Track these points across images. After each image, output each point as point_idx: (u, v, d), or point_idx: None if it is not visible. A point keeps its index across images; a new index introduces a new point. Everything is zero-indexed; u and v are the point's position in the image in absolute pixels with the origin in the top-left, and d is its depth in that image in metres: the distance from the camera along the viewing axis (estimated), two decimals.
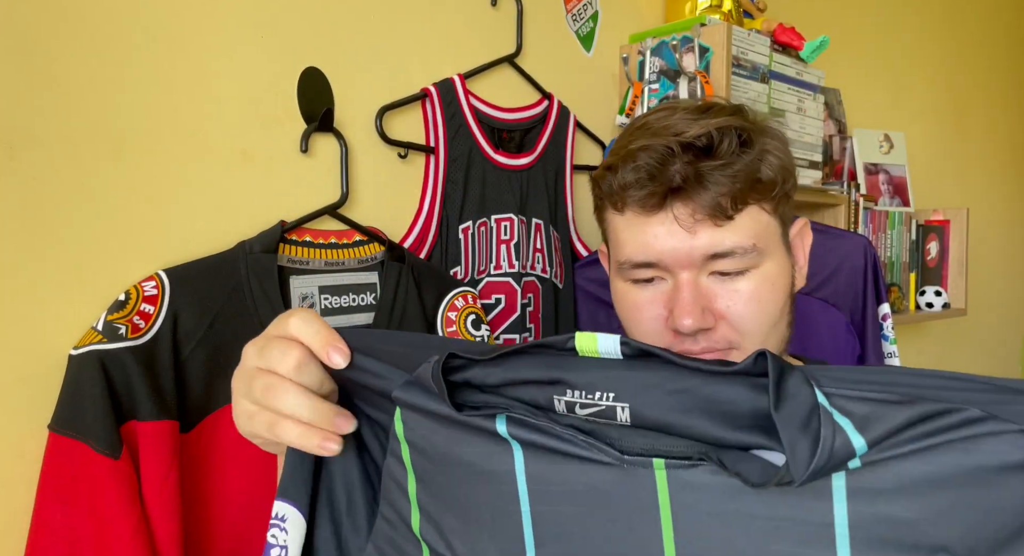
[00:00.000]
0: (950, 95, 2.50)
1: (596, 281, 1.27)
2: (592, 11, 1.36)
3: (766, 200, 0.64)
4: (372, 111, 1.03)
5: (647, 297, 0.66)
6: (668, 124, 0.64)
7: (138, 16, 0.83)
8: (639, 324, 0.67)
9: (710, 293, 0.63)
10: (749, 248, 0.62)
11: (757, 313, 0.63)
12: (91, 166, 0.80)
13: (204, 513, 0.82)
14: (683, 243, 0.62)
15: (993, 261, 2.67)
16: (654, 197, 0.62)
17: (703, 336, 0.63)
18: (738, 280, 0.63)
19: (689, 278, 0.63)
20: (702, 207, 0.61)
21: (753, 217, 0.63)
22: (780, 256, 0.66)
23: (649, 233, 0.64)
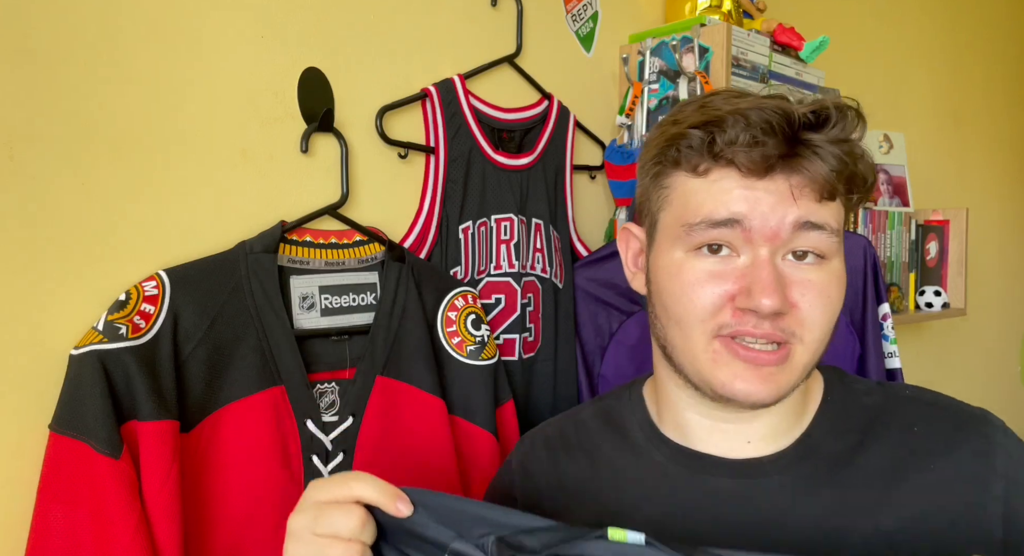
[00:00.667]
0: (950, 95, 2.50)
1: (596, 281, 1.27)
2: (592, 11, 1.36)
3: (857, 194, 0.61)
4: (372, 111, 1.03)
5: (712, 270, 0.60)
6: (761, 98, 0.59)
7: (138, 16, 0.83)
8: (699, 298, 0.60)
9: (786, 278, 0.59)
10: (836, 231, 0.59)
11: (825, 308, 0.60)
12: (91, 166, 0.80)
13: (204, 513, 0.82)
14: (777, 210, 0.57)
15: (993, 261, 2.67)
16: (764, 160, 0.57)
17: (771, 322, 0.58)
18: (811, 270, 0.59)
19: (769, 256, 0.58)
20: (814, 179, 0.57)
21: (840, 207, 0.61)
22: (840, 258, 0.62)
23: (739, 194, 0.58)
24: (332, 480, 0.53)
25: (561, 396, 1.23)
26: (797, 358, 0.60)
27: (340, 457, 0.91)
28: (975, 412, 0.65)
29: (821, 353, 0.61)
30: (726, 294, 0.59)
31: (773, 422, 0.65)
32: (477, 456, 1.02)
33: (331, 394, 0.93)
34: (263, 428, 0.86)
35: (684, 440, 0.68)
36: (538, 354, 1.20)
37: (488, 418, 1.03)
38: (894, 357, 1.31)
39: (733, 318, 0.59)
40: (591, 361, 1.27)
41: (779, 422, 0.65)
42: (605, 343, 1.27)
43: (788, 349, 0.59)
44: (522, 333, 1.16)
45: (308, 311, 0.94)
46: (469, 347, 1.04)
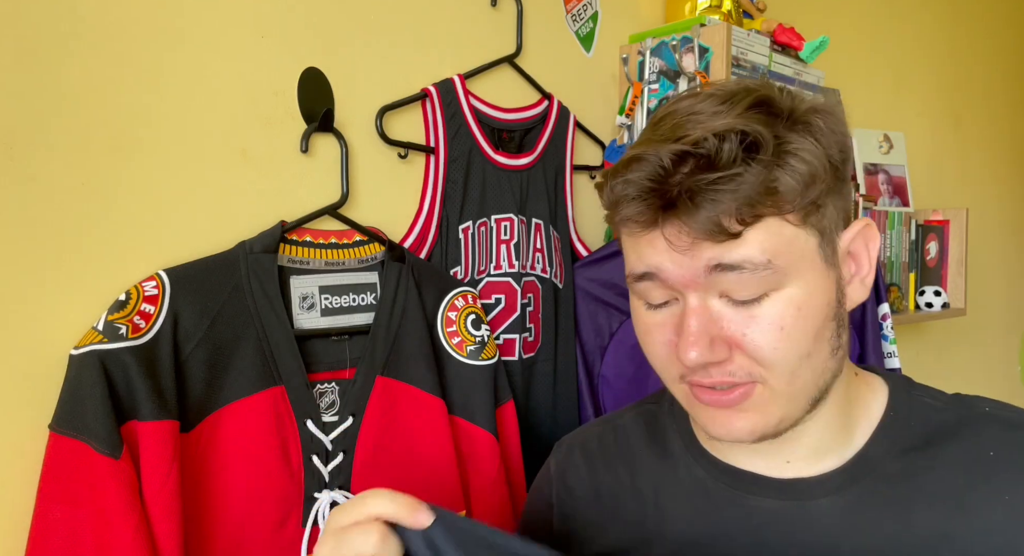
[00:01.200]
0: (950, 95, 2.50)
1: (596, 281, 1.27)
2: (592, 11, 1.36)
3: (788, 212, 0.53)
4: (372, 111, 1.03)
5: (658, 320, 0.58)
6: (679, 122, 0.55)
7: (138, 16, 0.83)
8: (650, 349, 0.60)
9: (722, 318, 0.54)
10: (762, 264, 0.52)
11: (780, 342, 0.53)
12: (91, 166, 0.80)
13: (204, 513, 0.82)
14: (682, 263, 0.54)
15: (993, 261, 2.67)
16: (644, 215, 0.54)
17: (715, 368, 0.55)
18: (755, 305, 0.53)
19: (697, 302, 0.54)
20: (696, 227, 0.52)
21: (771, 231, 0.52)
22: (813, 274, 0.55)
23: (647, 248, 0.56)
24: (349, 503, 0.53)
25: (561, 396, 1.23)
26: (765, 395, 0.55)
27: (340, 457, 0.91)
28: None
29: (808, 381, 0.56)
30: (671, 344, 0.57)
31: (812, 442, 0.60)
32: (477, 456, 1.02)
33: (331, 394, 0.93)
34: (263, 428, 0.86)
35: (724, 455, 0.64)
36: (538, 354, 1.20)
37: (488, 418, 1.03)
38: (893, 357, 1.31)
39: (685, 370, 0.57)
40: (591, 361, 1.27)
41: (820, 441, 0.60)
42: (605, 343, 1.27)
43: (747, 388, 0.55)
44: (522, 333, 1.16)
45: (308, 311, 0.94)
46: (469, 347, 1.04)
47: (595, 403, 1.27)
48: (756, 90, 0.56)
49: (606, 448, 0.72)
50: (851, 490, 0.58)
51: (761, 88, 0.56)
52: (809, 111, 0.55)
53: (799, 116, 0.54)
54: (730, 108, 0.54)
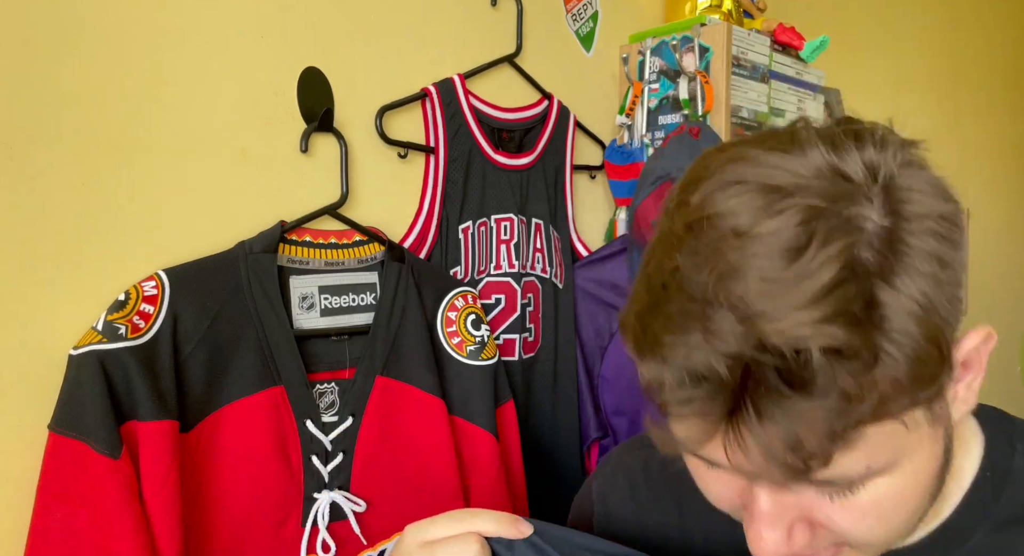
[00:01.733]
0: (950, 95, 2.50)
1: (596, 281, 1.27)
2: (592, 11, 1.36)
3: (891, 420, 0.38)
4: (372, 111, 1.03)
5: (715, 477, 0.45)
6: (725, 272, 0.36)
7: (138, 16, 0.83)
8: (711, 498, 0.47)
9: (802, 501, 0.42)
10: (858, 476, 0.40)
11: (878, 528, 0.42)
12: (91, 166, 0.80)
13: (204, 513, 0.82)
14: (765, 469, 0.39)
15: (993, 261, 2.67)
16: (702, 421, 0.38)
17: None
18: (851, 492, 0.41)
19: (770, 491, 0.42)
20: (776, 449, 0.37)
21: (876, 435, 0.38)
22: (921, 452, 0.42)
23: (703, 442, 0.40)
24: (441, 518, 0.51)
25: (561, 396, 1.23)
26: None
27: (340, 457, 0.91)
28: None
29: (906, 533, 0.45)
30: (733, 505, 0.46)
31: None
32: (477, 457, 1.02)
33: (331, 394, 0.93)
34: (263, 428, 0.86)
35: None
36: (538, 354, 1.19)
37: (488, 418, 1.03)
38: None
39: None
40: (591, 361, 1.27)
41: None
42: (605, 343, 1.27)
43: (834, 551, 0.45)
44: (522, 333, 1.16)
45: (308, 311, 0.94)
46: (469, 347, 1.04)
47: (595, 403, 1.27)
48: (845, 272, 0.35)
49: (651, 478, 0.64)
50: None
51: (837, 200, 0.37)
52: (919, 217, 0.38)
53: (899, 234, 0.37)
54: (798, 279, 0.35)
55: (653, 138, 1.31)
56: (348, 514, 0.91)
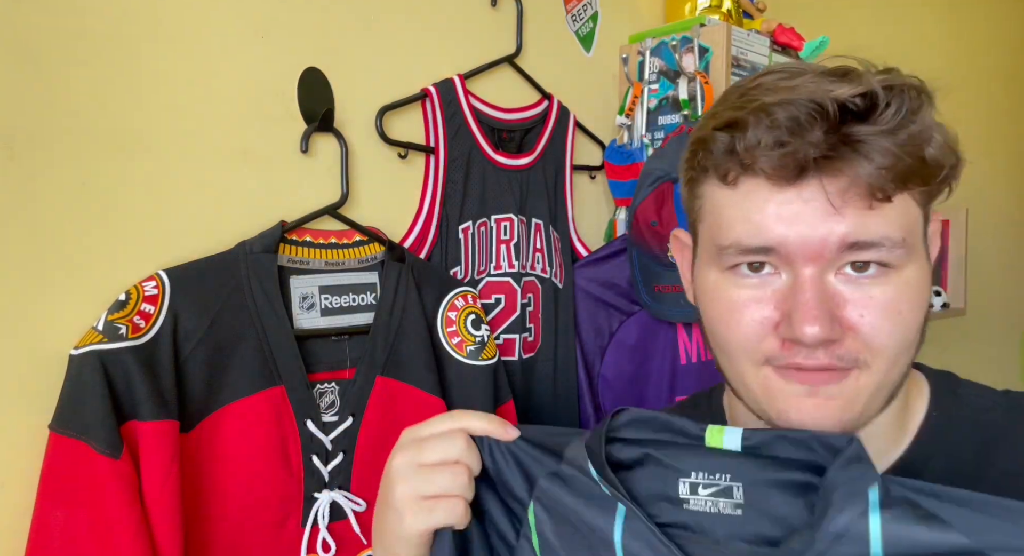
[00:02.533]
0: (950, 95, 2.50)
1: (596, 281, 1.27)
2: (592, 11, 1.36)
3: (925, 187, 0.50)
4: (372, 111, 1.03)
5: (752, 294, 0.52)
6: (796, 84, 0.49)
7: (138, 16, 0.83)
8: (737, 328, 0.53)
9: (839, 297, 0.50)
10: (898, 242, 0.49)
11: (895, 328, 0.50)
12: (91, 166, 0.80)
13: (204, 513, 0.82)
14: (818, 227, 0.48)
15: (992, 261, 2.67)
16: (794, 163, 0.48)
17: (824, 350, 0.50)
18: (874, 284, 0.50)
19: (814, 275, 0.49)
20: (857, 182, 0.47)
21: (905, 207, 0.50)
22: (922, 260, 0.52)
23: (774, 211, 0.50)
24: (434, 419, 0.54)
25: (561, 396, 1.23)
26: (862, 382, 0.51)
27: (340, 457, 0.91)
28: None
29: (898, 375, 0.52)
30: (768, 321, 0.51)
31: (873, 445, 0.55)
32: None
33: (331, 394, 0.93)
34: (263, 428, 0.86)
35: None
36: (538, 354, 1.20)
37: None
38: None
39: (782, 350, 0.51)
40: (591, 361, 1.27)
41: (873, 444, 0.54)
42: (605, 343, 1.27)
43: (849, 374, 0.51)
44: (522, 333, 1.16)
45: (308, 311, 0.94)
46: (469, 347, 1.04)
47: (595, 403, 1.27)
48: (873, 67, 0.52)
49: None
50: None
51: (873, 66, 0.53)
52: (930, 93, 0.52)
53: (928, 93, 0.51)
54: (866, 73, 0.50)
55: (653, 138, 1.31)
56: (348, 514, 0.91)
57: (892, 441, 0.57)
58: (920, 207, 0.52)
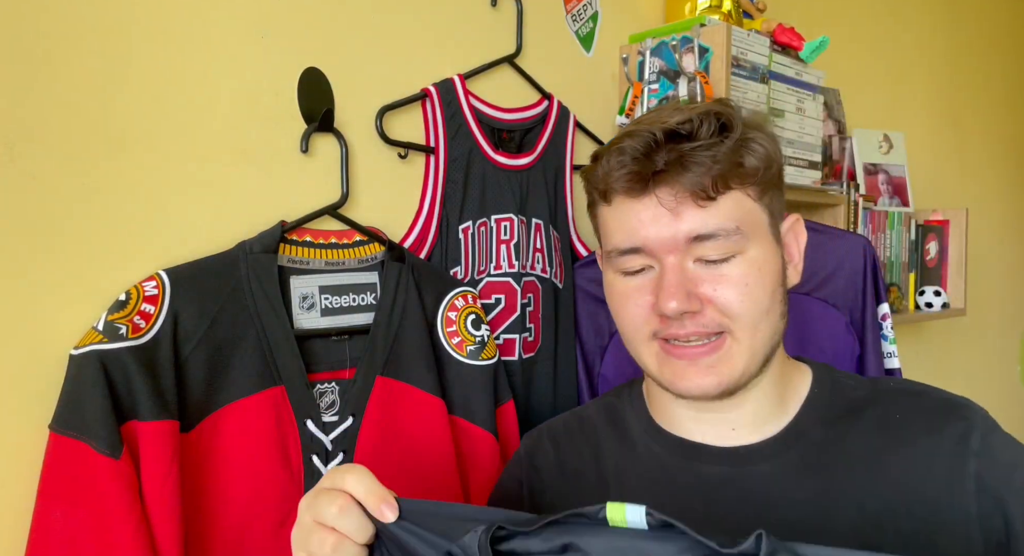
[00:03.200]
0: (950, 95, 2.50)
1: (596, 281, 1.27)
2: (592, 11, 1.36)
3: (749, 185, 0.65)
4: (372, 111, 1.03)
5: (635, 285, 0.67)
6: (654, 117, 0.66)
7: (138, 16, 0.83)
8: (627, 312, 0.68)
9: (696, 278, 0.64)
10: (732, 230, 0.64)
11: (745, 297, 0.64)
12: (91, 166, 0.80)
13: (204, 513, 0.82)
14: (667, 227, 0.64)
15: (992, 261, 2.67)
16: (638, 180, 0.64)
17: (690, 319, 0.64)
18: (723, 265, 0.64)
19: (675, 262, 0.64)
20: (684, 188, 0.63)
21: (736, 202, 0.65)
22: (767, 244, 0.67)
23: (634, 218, 0.65)
24: (341, 467, 0.55)
25: (561, 396, 1.23)
26: (735, 347, 0.65)
27: (340, 457, 0.91)
28: (958, 400, 0.68)
29: (766, 334, 0.66)
30: (648, 305, 0.66)
31: (754, 409, 0.69)
32: (477, 456, 1.02)
33: (331, 394, 0.93)
34: (263, 428, 0.86)
35: (677, 431, 0.72)
36: (538, 354, 1.20)
37: (488, 418, 1.03)
38: (893, 357, 1.31)
39: (661, 325, 0.66)
40: (591, 361, 1.27)
41: (759, 409, 0.69)
42: (605, 343, 1.27)
43: (722, 340, 0.65)
44: (522, 333, 1.16)
45: (308, 311, 0.94)
46: (469, 347, 1.04)
47: None
48: (716, 104, 0.67)
49: (571, 434, 0.80)
50: (785, 456, 0.67)
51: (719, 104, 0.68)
52: (759, 121, 0.67)
53: (753, 117, 0.67)
54: (695, 108, 0.66)
55: None
56: None
57: (780, 408, 0.70)
58: (757, 201, 0.66)
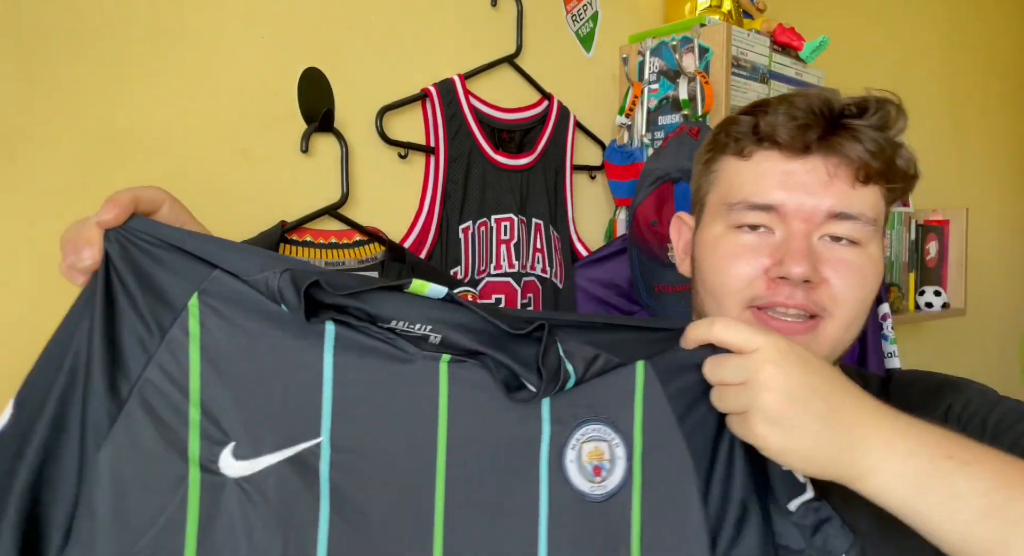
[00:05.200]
0: (950, 95, 2.50)
1: (596, 281, 1.27)
2: (592, 11, 1.36)
3: (892, 185, 0.63)
4: (372, 111, 1.03)
5: (749, 244, 0.64)
6: (809, 93, 0.64)
7: (138, 16, 0.83)
8: (734, 270, 0.64)
9: (819, 255, 0.62)
10: (870, 220, 0.62)
11: (857, 287, 0.62)
12: (91, 166, 0.80)
13: None
14: (814, 196, 0.61)
15: (992, 261, 2.67)
16: (804, 136, 0.61)
17: (803, 291, 0.61)
18: (848, 250, 0.62)
19: (804, 230, 0.62)
20: (849, 163, 0.61)
21: (876, 196, 0.63)
22: (880, 249, 0.65)
23: (780, 176, 0.62)
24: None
25: None
26: (827, 332, 0.62)
27: None
28: (956, 379, 0.69)
29: (852, 334, 0.64)
30: (760, 266, 0.63)
31: None
32: None
33: None
34: None
35: None
36: None
37: None
38: (893, 357, 1.31)
39: (767, 290, 0.62)
40: None
41: None
42: None
43: (818, 322, 0.62)
44: None
45: None
46: None
47: None
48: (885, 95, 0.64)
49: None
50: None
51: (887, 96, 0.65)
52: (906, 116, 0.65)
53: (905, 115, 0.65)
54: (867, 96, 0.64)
55: (653, 138, 1.31)
56: None
57: None
58: (885, 205, 0.65)
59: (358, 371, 0.50)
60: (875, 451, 0.48)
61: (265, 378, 0.48)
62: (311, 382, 0.49)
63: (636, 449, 0.54)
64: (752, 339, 0.51)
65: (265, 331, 0.49)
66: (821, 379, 0.51)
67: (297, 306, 0.47)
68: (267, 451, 0.48)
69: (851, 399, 0.51)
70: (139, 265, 0.49)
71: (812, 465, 0.50)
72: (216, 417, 0.48)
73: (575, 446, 0.53)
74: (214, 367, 0.48)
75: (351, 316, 0.50)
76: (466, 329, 0.51)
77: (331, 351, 0.50)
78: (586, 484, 0.53)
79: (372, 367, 0.50)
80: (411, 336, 0.51)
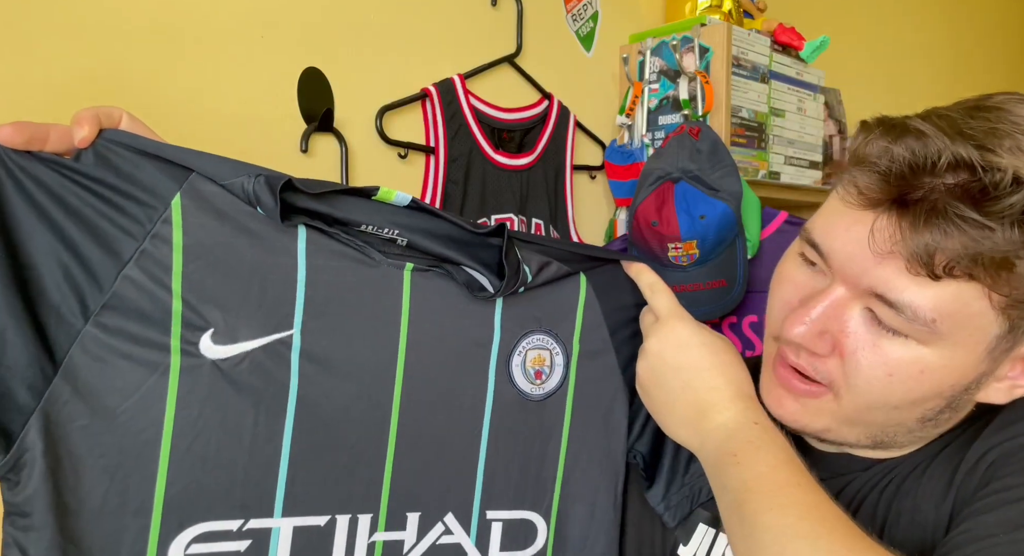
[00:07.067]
0: (952, 95, 2.49)
1: None
2: (592, 11, 1.36)
3: (1000, 292, 0.47)
4: (372, 111, 1.03)
5: (797, 278, 0.56)
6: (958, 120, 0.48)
7: (138, 16, 0.83)
8: (776, 296, 0.58)
9: (849, 325, 0.51)
10: (923, 321, 0.48)
11: (879, 383, 0.50)
12: None
13: None
14: (864, 260, 0.49)
15: None
16: (872, 193, 0.48)
17: (807, 356, 0.53)
18: (889, 338, 0.50)
19: (841, 296, 0.51)
20: (907, 242, 0.46)
21: (962, 297, 0.47)
22: (964, 355, 0.49)
23: (843, 223, 0.51)
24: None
25: None
26: (827, 408, 0.54)
27: None
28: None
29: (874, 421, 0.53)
30: (789, 305, 0.55)
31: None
32: None
33: None
34: None
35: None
36: None
37: None
38: None
39: (786, 335, 0.54)
40: None
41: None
42: None
43: (823, 391, 0.54)
44: None
45: None
46: None
47: None
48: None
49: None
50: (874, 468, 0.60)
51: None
52: None
53: None
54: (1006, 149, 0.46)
55: (653, 138, 1.31)
56: None
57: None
58: (997, 311, 0.47)
59: (328, 273, 0.54)
60: (703, 436, 0.55)
61: (243, 274, 0.52)
62: (286, 280, 0.53)
63: (573, 356, 0.62)
64: (660, 308, 0.60)
65: (242, 231, 0.52)
66: (691, 362, 0.57)
67: (273, 208, 0.51)
68: (243, 339, 0.52)
69: (707, 388, 0.56)
70: (120, 170, 0.52)
71: (667, 430, 0.59)
72: (196, 308, 0.51)
73: (521, 352, 0.60)
74: (195, 262, 0.51)
75: (322, 221, 0.53)
76: (430, 234, 0.56)
77: (303, 253, 0.53)
78: (528, 385, 0.61)
79: (341, 270, 0.54)
80: (379, 239, 0.55)
